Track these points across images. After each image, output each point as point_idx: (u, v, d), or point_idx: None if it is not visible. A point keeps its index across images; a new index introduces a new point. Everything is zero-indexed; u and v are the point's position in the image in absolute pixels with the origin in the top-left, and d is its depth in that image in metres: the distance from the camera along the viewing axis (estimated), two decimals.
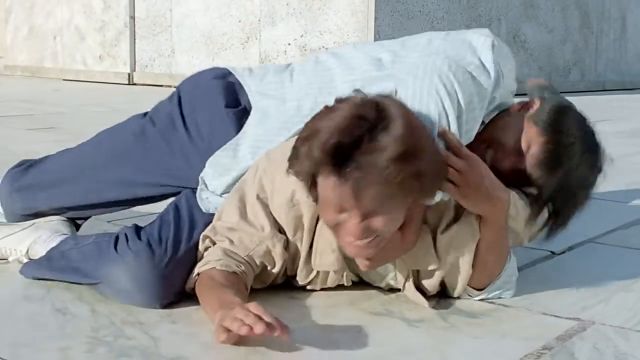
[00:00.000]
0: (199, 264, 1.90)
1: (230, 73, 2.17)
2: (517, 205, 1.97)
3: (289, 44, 8.58)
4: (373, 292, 2.02)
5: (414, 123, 1.67)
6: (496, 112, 2.10)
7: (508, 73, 2.02)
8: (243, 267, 1.88)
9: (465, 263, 1.90)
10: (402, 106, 1.70)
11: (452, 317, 1.87)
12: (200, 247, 1.94)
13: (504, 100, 2.08)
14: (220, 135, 2.06)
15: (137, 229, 1.98)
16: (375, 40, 7.93)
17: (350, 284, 1.99)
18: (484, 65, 1.93)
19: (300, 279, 1.96)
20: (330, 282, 1.97)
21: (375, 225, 1.68)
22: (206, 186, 2.03)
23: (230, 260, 1.87)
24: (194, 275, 1.89)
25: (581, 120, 2.04)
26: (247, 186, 1.92)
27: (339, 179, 1.62)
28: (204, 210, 2.01)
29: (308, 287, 2.00)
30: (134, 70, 10.02)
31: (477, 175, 1.80)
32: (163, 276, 1.88)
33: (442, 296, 1.98)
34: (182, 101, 2.16)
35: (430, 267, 1.90)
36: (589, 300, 2.02)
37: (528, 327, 1.83)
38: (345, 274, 1.95)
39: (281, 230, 1.91)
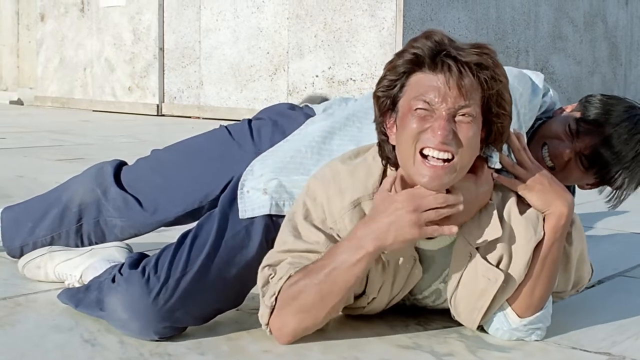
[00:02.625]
0: (270, 293, 1.83)
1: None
2: (582, 236, 1.99)
3: (317, 76, 8.62)
4: (400, 325, 2.01)
5: None
6: (544, 119, 2.35)
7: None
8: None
9: (523, 239, 1.87)
10: None
11: (481, 351, 1.86)
12: (261, 277, 1.88)
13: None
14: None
15: (141, 257, 1.98)
16: None
17: (420, 275, 1.91)
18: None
19: (376, 279, 1.89)
20: (403, 274, 1.90)
21: (459, 129, 1.73)
22: (252, 174, 2.05)
23: (299, 264, 1.83)
24: (272, 296, 1.82)
25: (609, 98, 2.29)
26: (295, 212, 1.91)
27: (434, 70, 1.74)
28: (240, 216, 1.99)
29: (369, 306, 1.96)
30: (163, 102, 10.08)
31: (538, 181, 1.89)
32: (157, 303, 1.85)
33: (472, 330, 1.97)
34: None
35: (493, 236, 1.85)
36: (619, 335, 2.00)
37: None
38: (415, 256, 1.89)
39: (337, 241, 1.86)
